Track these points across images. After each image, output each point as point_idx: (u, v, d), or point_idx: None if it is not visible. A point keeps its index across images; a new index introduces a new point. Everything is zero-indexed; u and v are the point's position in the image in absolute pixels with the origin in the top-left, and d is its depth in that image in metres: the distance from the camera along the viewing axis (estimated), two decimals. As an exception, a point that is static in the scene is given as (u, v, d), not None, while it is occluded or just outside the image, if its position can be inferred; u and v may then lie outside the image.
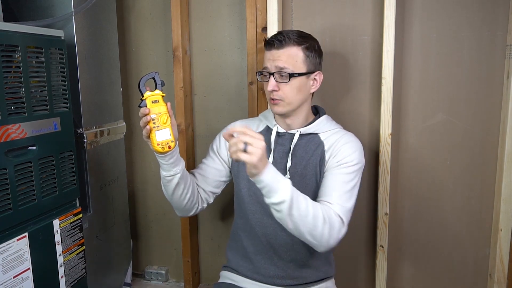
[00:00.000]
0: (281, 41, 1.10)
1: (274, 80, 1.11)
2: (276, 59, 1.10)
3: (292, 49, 1.10)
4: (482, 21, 1.40)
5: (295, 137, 1.17)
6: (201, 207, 1.25)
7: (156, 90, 1.02)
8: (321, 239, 0.99)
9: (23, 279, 1.11)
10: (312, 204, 0.99)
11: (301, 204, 0.96)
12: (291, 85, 1.11)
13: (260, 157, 0.90)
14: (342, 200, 1.06)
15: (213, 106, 1.71)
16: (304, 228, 0.98)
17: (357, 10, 1.48)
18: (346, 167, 1.10)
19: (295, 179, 1.14)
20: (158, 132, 1.01)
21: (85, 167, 1.43)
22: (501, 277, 1.47)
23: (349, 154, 1.11)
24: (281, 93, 1.12)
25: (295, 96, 1.13)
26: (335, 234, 1.00)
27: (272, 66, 1.11)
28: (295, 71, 1.11)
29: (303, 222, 0.97)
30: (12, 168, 1.06)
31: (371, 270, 1.62)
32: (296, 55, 1.11)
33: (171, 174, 1.10)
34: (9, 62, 1.05)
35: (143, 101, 1.01)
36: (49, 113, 1.18)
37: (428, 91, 1.48)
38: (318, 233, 0.98)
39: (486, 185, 1.49)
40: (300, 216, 0.96)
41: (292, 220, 0.96)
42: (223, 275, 1.31)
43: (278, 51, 1.11)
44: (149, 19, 1.73)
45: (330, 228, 0.99)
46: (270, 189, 0.94)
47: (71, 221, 1.28)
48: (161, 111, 1.01)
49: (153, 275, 1.90)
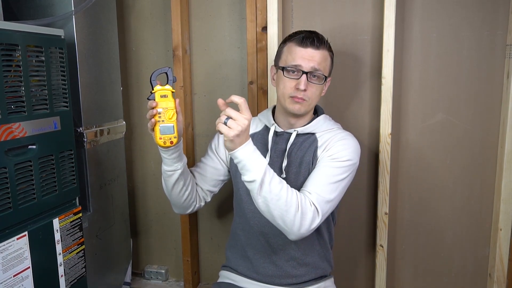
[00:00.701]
0: (320, 41, 1.11)
1: (306, 79, 1.10)
2: (312, 59, 1.10)
3: (325, 52, 1.12)
4: (482, 21, 1.40)
5: (291, 136, 1.17)
6: (199, 206, 1.25)
7: (166, 85, 1.03)
8: (292, 226, 0.99)
9: (23, 278, 1.11)
10: (287, 189, 1.00)
11: (274, 187, 0.98)
12: (317, 87, 1.13)
13: (238, 133, 0.94)
14: (322, 190, 1.05)
15: (213, 106, 1.71)
16: (275, 211, 0.98)
17: (357, 9, 1.48)
18: (335, 161, 1.09)
19: (290, 178, 1.14)
20: (163, 126, 1.02)
21: (85, 166, 1.43)
22: (501, 277, 1.47)
23: (340, 150, 1.11)
24: (309, 93, 1.12)
25: (316, 98, 1.15)
26: (307, 224, 1.00)
27: (308, 65, 1.10)
28: (326, 75, 1.13)
29: (274, 205, 0.98)
30: (12, 167, 1.06)
31: (371, 270, 1.62)
32: (327, 59, 1.13)
33: (172, 169, 1.11)
34: (9, 61, 1.05)
35: (152, 94, 1.03)
36: (49, 112, 1.18)
37: (428, 90, 1.48)
38: (289, 220, 0.98)
39: (486, 184, 1.49)
40: (271, 198, 0.97)
41: (263, 201, 0.98)
42: (222, 274, 1.31)
43: (315, 51, 1.10)
44: (149, 19, 1.73)
45: (302, 216, 0.99)
46: (243, 166, 0.98)
47: (71, 220, 1.28)
48: (168, 106, 1.02)
49: (153, 275, 1.90)
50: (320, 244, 1.22)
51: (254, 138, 1.23)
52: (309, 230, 1.01)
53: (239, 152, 0.97)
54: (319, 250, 1.21)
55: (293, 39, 1.13)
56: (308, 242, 1.18)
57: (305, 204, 1.00)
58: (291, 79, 1.11)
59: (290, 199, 0.98)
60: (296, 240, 1.05)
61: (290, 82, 1.11)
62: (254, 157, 0.98)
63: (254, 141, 1.21)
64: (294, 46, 1.12)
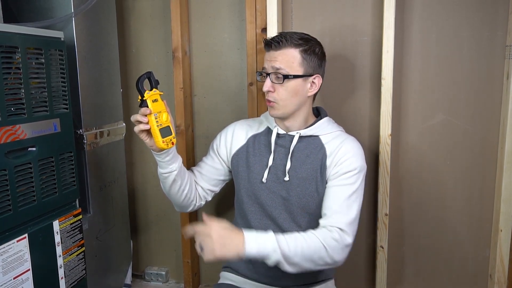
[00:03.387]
0: (278, 42, 1.09)
1: (270, 81, 1.10)
2: (273, 60, 1.10)
3: (289, 50, 1.09)
4: (481, 21, 1.40)
5: (294, 139, 1.16)
6: (199, 204, 1.26)
7: (154, 89, 1.04)
8: (329, 263, 1.03)
9: (23, 280, 1.11)
10: (306, 241, 1.01)
11: (295, 251, 0.99)
12: (285, 87, 1.10)
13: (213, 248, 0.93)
14: (343, 212, 1.07)
15: (213, 107, 1.71)
16: (310, 265, 1.02)
17: (356, 11, 1.48)
18: (347, 178, 1.10)
19: (293, 182, 1.14)
20: (162, 129, 1.03)
21: (85, 168, 1.43)
22: (501, 278, 1.47)
23: (350, 163, 1.11)
24: (276, 95, 1.11)
25: (290, 99, 1.11)
26: (339, 251, 1.03)
27: (269, 66, 1.11)
28: (291, 73, 1.09)
29: (307, 264, 1.01)
30: (12, 169, 1.06)
31: (371, 271, 1.62)
32: (293, 56, 1.10)
33: (167, 171, 1.12)
34: (9, 63, 1.05)
35: (144, 101, 1.03)
36: (49, 114, 1.18)
37: (427, 91, 1.48)
38: (324, 262, 1.02)
39: (486, 185, 1.49)
40: (300, 262, 1.00)
41: (297, 269, 1.01)
42: (223, 275, 1.31)
43: (275, 52, 1.10)
44: (149, 20, 1.73)
45: (332, 250, 1.02)
46: (261, 258, 0.98)
47: (71, 222, 1.28)
48: (161, 109, 1.04)
49: (153, 276, 1.90)
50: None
51: (256, 139, 1.23)
52: (344, 254, 1.05)
53: (247, 253, 0.96)
54: None
55: None
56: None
57: (328, 239, 1.02)
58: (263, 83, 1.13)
59: (314, 248, 1.00)
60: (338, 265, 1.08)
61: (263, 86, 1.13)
62: (261, 245, 0.97)
63: (257, 142, 1.22)
64: (264, 52, 1.15)
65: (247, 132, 1.25)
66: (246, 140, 1.24)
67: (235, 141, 1.25)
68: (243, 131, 1.26)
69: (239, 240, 0.95)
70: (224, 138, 1.27)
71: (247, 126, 1.27)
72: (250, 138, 1.24)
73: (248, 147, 1.23)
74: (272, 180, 1.17)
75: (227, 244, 0.94)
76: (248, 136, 1.24)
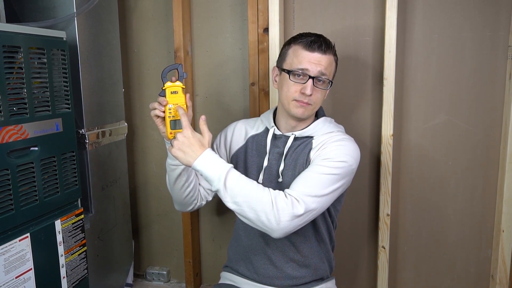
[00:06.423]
0: (327, 46, 1.10)
1: (312, 84, 1.09)
2: (319, 63, 1.09)
3: (331, 57, 1.11)
4: (484, 21, 1.40)
5: (289, 140, 1.16)
6: (200, 204, 1.26)
7: (177, 81, 1.06)
8: (270, 223, 0.96)
9: (25, 280, 1.11)
10: (257, 189, 0.98)
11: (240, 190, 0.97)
12: (322, 92, 1.12)
13: (178, 148, 0.99)
14: (308, 186, 1.01)
15: (215, 107, 1.71)
16: (249, 214, 0.97)
17: (358, 11, 1.48)
18: (327, 161, 1.05)
19: (287, 182, 1.13)
20: (172, 121, 1.05)
21: (87, 168, 1.43)
22: (503, 278, 1.47)
23: (334, 150, 1.07)
24: (314, 98, 1.11)
25: (320, 103, 1.14)
26: (286, 217, 0.96)
27: (315, 70, 1.08)
28: (330, 79, 1.12)
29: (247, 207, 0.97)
30: (14, 168, 1.07)
31: (373, 271, 1.61)
32: (332, 63, 1.12)
33: (176, 163, 1.12)
34: (11, 63, 1.05)
35: (163, 90, 1.05)
36: (51, 114, 1.18)
37: (429, 91, 1.48)
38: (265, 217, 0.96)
39: (488, 186, 1.49)
40: (242, 202, 0.97)
41: (235, 207, 0.99)
42: (223, 276, 1.31)
43: (322, 56, 1.09)
44: (151, 20, 1.73)
45: (279, 211, 0.96)
46: (205, 177, 0.99)
47: (73, 221, 1.28)
48: (178, 102, 1.05)
49: (154, 276, 1.90)
50: (320, 246, 1.21)
51: (255, 140, 1.23)
52: (291, 223, 0.96)
53: (195, 165, 0.99)
54: (319, 251, 1.21)
55: (300, 42, 1.10)
56: (308, 244, 1.18)
57: (279, 198, 0.97)
58: (296, 83, 1.10)
59: (261, 198, 0.97)
60: (281, 237, 0.99)
61: (295, 85, 1.10)
62: (209, 168, 0.98)
63: (255, 143, 1.22)
64: (301, 49, 1.10)
65: (246, 132, 1.25)
66: (245, 141, 1.24)
67: (235, 141, 1.25)
68: (243, 131, 1.26)
69: (195, 153, 0.99)
70: (224, 138, 1.27)
71: (246, 126, 1.27)
72: (249, 138, 1.24)
73: (247, 147, 1.23)
74: (267, 181, 1.17)
75: (186, 151, 0.99)
76: (247, 137, 1.24)
